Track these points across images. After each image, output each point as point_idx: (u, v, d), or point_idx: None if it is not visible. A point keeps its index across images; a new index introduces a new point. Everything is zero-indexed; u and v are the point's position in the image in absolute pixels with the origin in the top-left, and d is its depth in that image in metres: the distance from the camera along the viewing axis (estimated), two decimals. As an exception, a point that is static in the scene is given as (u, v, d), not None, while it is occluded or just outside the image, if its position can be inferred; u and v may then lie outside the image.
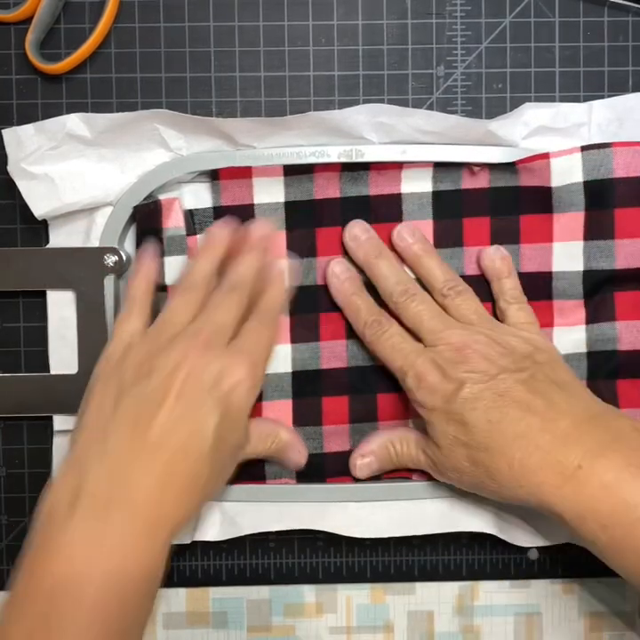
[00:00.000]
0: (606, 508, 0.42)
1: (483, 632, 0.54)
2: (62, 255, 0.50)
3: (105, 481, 0.39)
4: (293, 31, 0.51)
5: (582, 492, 0.43)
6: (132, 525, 0.39)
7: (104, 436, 0.41)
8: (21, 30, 0.50)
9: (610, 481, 0.42)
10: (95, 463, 0.40)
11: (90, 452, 0.40)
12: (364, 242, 0.49)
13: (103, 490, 0.39)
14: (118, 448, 0.40)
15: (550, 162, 0.48)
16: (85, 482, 0.39)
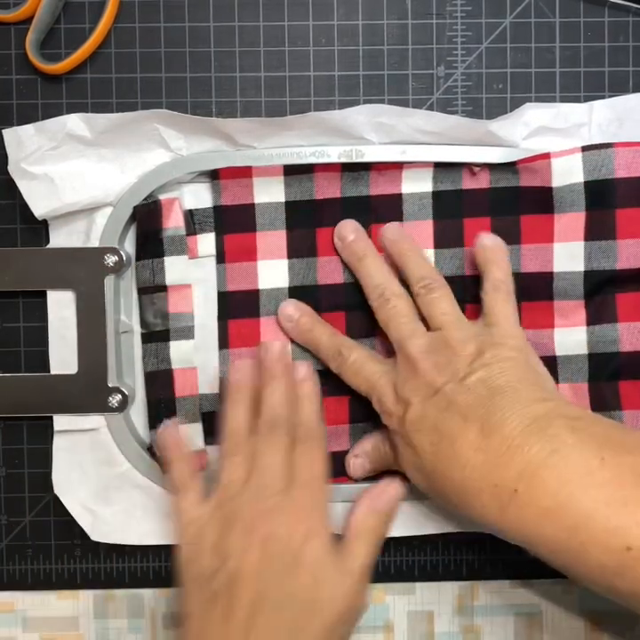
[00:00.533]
0: (550, 533, 0.40)
1: (483, 632, 0.54)
2: (62, 255, 0.50)
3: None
4: (293, 31, 0.51)
5: (524, 517, 0.41)
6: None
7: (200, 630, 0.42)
8: (21, 30, 0.50)
9: (548, 506, 0.40)
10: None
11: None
12: (350, 242, 0.49)
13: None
14: None
15: (551, 162, 0.48)
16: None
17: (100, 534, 0.50)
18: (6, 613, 0.54)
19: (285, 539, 0.43)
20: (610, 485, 0.39)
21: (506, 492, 0.41)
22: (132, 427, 0.51)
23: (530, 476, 0.40)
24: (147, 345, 0.51)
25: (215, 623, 0.42)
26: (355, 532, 0.45)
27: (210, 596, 0.43)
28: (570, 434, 0.41)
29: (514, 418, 0.42)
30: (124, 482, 0.51)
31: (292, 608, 0.42)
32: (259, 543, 0.43)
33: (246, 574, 0.42)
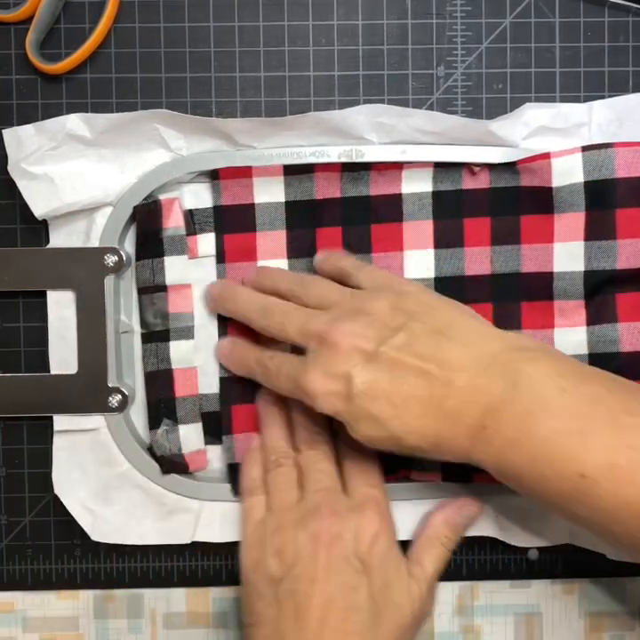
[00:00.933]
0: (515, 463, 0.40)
1: (483, 632, 0.54)
2: (62, 255, 0.50)
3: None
4: (293, 31, 0.51)
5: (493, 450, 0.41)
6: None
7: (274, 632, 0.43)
8: (21, 30, 0.50)
9: (512, 438, 0.40)
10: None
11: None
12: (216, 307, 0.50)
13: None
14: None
15: (551, 162, 0.48)
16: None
17: (100, 534, 0.50)
18: (6, 613, 0.54)
19: (352, 542, 0.44)
20: (567, 416, 0.40)
21: (477, 429, 0.41)
22: (132, 427, 0.51)
23: (495, 409, 0.40)
24: (147, 345, 0.51)
25: (288, 623, 0.43)
26: (429, 540, 0.47)
27: (281, 598, 0.44)
28: (530, 366, 0.41)
29: (474, 354, 0.42)
30: (124, 482, 0.51)
31: (362, 610, 0.43)
32: (325, 548, 0.44)
33: (314, 579, 0.43)
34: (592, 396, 0.40)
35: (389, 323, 0.43)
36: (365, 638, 0.43)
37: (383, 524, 0.45)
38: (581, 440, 0.39)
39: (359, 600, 0.43)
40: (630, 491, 0.38)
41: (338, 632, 0.42)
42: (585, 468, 0.39)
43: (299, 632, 0.43)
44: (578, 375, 0.41)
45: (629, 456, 0.38)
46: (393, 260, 0.50)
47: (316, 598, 0.43)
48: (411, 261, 0.50)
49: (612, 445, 0.39)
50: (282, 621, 0.43)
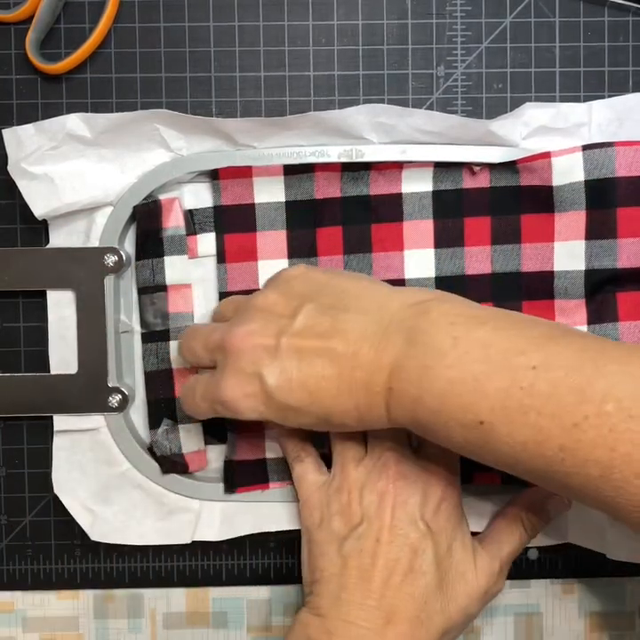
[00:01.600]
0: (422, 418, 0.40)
1: (483, 632, 0.54)
2: (62, 255, 0.50)
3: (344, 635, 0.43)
4: (293, 31, 0.51)
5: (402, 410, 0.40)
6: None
7: (337, 589, 0.44)
8: (21, 30, 0.50)
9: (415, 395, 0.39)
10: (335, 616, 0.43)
11: (328, 606, 0.44)
12: None
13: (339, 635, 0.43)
14: (351, 602, 0.43)
15: (551, 161, 0.48)
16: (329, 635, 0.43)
17: (99, 534, 0.50)
18: (6, 613, 0.54)
19: (418, 506, 0.44)
20: (461, 364, 0.39)
21: (386, 393, 0.40)
22: (132, 427, 0.51)
23: (397, 370, 0.40)
24: (147, 345, 0.51)
25: (352, 580, 0.44)
26: (511, 519, 0.47)
27: (345, 555, 0.44)
28: (422, 320, 0.41)
29: (372, 325, 0.42)
30: (124, 482, 0.51)
31: (427, 574, 0.43)
32: (390, 509, 0.44)
33: (379, 539, 0.44)
34: (483, 340, 0.39)
35: (284, 312, 0.43)
36: (430, 601, 0.43)
37: (448, 491, 0.45)
38: (476, 387, 0.38)
39: (424, 563, 0.44)
40: (524, 431, 0.37)
41: (402, 593, 0.43)
42: (481, 414, 0.38)
43: (363, 590, 0.43)
44: (471, 319, 0.40)
45: (519, 397, 0.37)
46: (393, 259, 0.50)
47: (381, 559, 0.43)
48: (411, 261, 0.50)
49: (503, 388, 0.38)
50: (346, 578, 0.44)
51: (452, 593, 0.44)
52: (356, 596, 0.43)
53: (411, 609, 0.43)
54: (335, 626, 0.43)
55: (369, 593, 0.43)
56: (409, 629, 0.43)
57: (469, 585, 0.45)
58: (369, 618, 0.43)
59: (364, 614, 0.43)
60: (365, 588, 0.43)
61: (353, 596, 0.43)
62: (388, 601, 0.43)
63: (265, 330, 0.43)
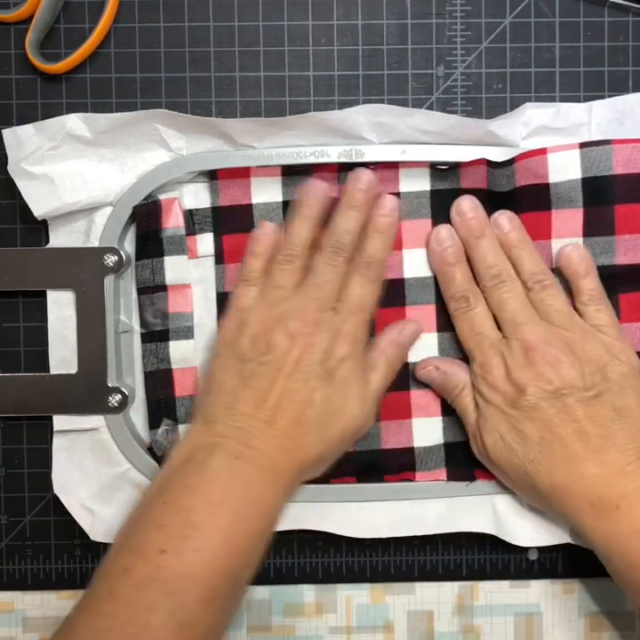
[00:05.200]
0: (635, 551, 0.43)
1: (483, 632, 0.54)
2: (62, 255, 0.50)
3: (233, 442, 0.45)
4: (293, 31, 0.51)
5: (614, 530, 0.44)
6: (257, 478, 0.45)
7: (232, 401, 0.46)
8: (21, 30, 0.50)
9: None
10: (226, 422, 0.46)
11: (221, 414, 0.46)
12: (468, 219, 0.49)
13: (232, 448, 0.45)
14: (244, 413, 0.46)
15: (547, 157, 0.48)
16: (219, 437, 0.45)
17: (99, 534, 0.50)
18: (6, 613, 0.54)
19: (323, 352, 0.46)
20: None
21: (607, 505, 0.44)
22: (132, 427, 0.51)
23: (635, 498, 0.44)
24: (147, 345, 0.51)
25: (249, 399, 0.46)
26: (375, 360, 0.49)
27: (246, 375, 0.46)
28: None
29: (632, 446, 0.45)
30: (124, 482, 0.51)
31: (316, 408, 0.46)
32: (300, 348, 0.46)
33: (281, 369, 0.46)
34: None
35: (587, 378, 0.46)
36: (312, 430, 0.46)
37: (352, 352, 0.47)
38: None
39: (316, 399, 0.46)
40: None
41: (290, 420, 0.46)
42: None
43: (256, 407, 0.46)
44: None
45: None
46: (392, 258, 0.50)
47: (278, 385, 0.46)
48: (410, 260, 0.50)
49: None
50: (242, 394, 0.46)
51: (333, 428, 0.46)
52: (249, 410, 0.46)
53: (296, 432, 0.46)
54: (226, 429, 0.45)
55: (261, 409, 0.45)
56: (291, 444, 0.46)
57: (350, 424, 0.47)
58: (258, 427, 0.45)
59: (253, 424, 0.45)
60: (258, 405, 0.46)
61: (246, 408, 0.46)
62: (278, 421, 0.45)
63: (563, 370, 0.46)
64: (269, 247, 0.49)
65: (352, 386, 0.47)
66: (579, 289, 0.48)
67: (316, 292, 0.47)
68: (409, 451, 0.51)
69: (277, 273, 0.48)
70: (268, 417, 0.45)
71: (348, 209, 0.48)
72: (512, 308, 0.47)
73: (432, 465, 0.51)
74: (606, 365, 0.46)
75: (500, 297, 0.47)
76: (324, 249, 0.48)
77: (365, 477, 0.51)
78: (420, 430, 0.51)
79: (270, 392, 0.46)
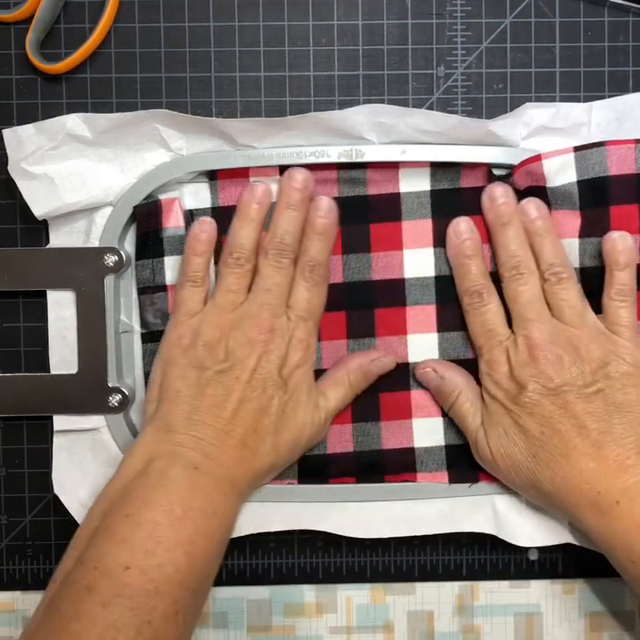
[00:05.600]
0: (638, 547, 0.43)
1: (483, 632, 0.54)
2: (62, 255, 0.50)
3: (192, 453, 0.45)
4: (293, 31, 0.51)
5: (616, 526, 0.44)
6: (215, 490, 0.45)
7: (190, 411, 0.46)
8: (21, 30, 0.50)
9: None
10: (184, 431, 0.46)
11: (179, 423, 0.46)
12: (499, 205, 0.48)
13: (192, 455, 0.45)
14: (202, 423, 0.46)
15: (542, 163, 0.48)
16: (177, 446, 0.45)
17: (99, 534, 0.50)
18: (6, 613, 0.54)
19: (280, 359, 0.47)
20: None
21: (607, 500, 0.44)
22: (132, 427, 0.51)
23: (635, 493, 0.44)
24: (147, 345, 0.51)
25: (205, 406, 0.46)
26: (339, 379, 0.49)
27: (203, 383, 0.47)
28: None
29: (632, 440, 0.45)
30: (124, 482, 0.51)
31: (271, 416, 0.47)
32: (258, 354, 0.47)
33: (239, 378, 0.46)
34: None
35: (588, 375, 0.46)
36: (267, 438, 0.47)
37: (305, 358, 0.48)
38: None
39: (272, 408, 0.47)
40: None
41: (246, 427, 0.46)
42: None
43: (214, 415, 0.46)
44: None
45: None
46: (392, 258, 0.50)
47: (236, 393, 0.46)
48: (410, 260, 0.50)
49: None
50: (200, 403, 0.46)
51: (286, 436, 0.47)
52: (207, 419, 0.46)
53: (253, 441, 0.46)
54: (185, 439, 0.46)
55: (219, 418, 0.46)
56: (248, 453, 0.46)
57: (302, 433, 0.48)
58: (217, 437, 0.46)
59: (212, 434, 0.46)
60: (216, 414, 0.46)
61: (204, 418, 0.46)
62: (235, 430, 0.46)
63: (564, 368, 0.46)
64: (211, 245, 0.49)
65: (304, 393, 0.48)
66: (611, 280, 0.47)
67: (267, 297, 0.47)
68: (409, 451, 0.51)
69: (228, 277, 0.48)
70: (225, 426, 0.46)
71: (286, 209, 0.48)
72: (525, 301, 0.47)
73: (433, 467, 0.51)
74: (609, 364, 0.46)
75: (515, 289, 0.47)
76: (268, 251, 0.48)
77: (365, 478, 0.51)
78: (420, 430, 0.51)
79: (228, 401, 0.46)
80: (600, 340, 0.46)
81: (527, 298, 0.47)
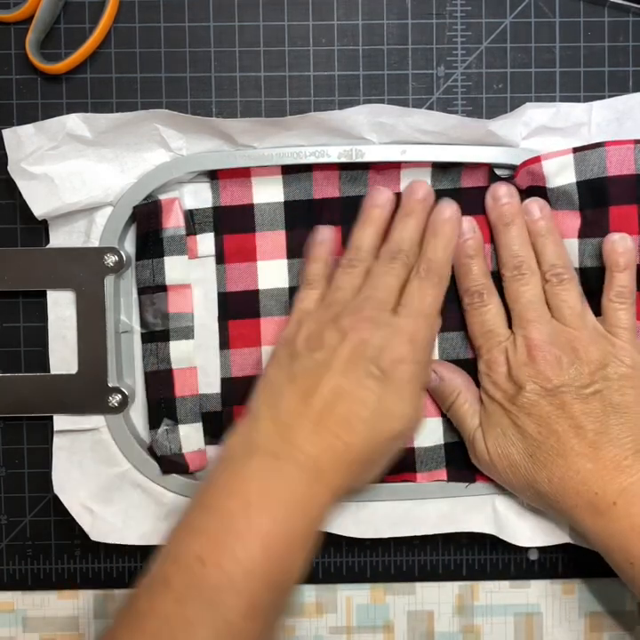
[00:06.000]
0: (635, 549, 0.43)
1: (483, 632, 0.54)
2: (62, 255, 0.50)
3: (273, 440, 0.44)
4: (293, 31, 0.51)
5: (613, 527, 0.44)
6: (298, 478, 0.43)
7: (277, 399, 0.45)
8: (21, 30, 0.50)
9: None
10: (268, 421, 0.44)
11: (264, 412, 0.45)
12: (502, 204, 0.48)
13: (272, 446, 0.43)
14: (288, 409, 0.44)
15: (542, 164, 0.48)
16: (257, 437, 0.44)
17: (99, 534, 0.50)
18: (6, 613, 0.54)
19: (378, 350, 0.45)
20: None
21: (604, 501, 0.44)
22: (132, 427, 0.51)
23: (632, 494, 0.44)
24: (147, 345, 0.51)
25: (296, 396, 0.45)
26: None
27: (296, 371, 0.45)
28: None
29: (629, 440, 0.45)
30: (124, 482, 0.51)
31: (367, 409, 0.44)
32: (351, 343, 0.45)
33: (331, 366, 0.44)
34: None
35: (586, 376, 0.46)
36: (362, 431, 0.44)
37: (411, 355, 0.45)
38: None
39: (368, 399, 0.44)
40: None
41: (339, 417, 0.44)
42: None
43: (303, 406, 0.44)
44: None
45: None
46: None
47: (328, 383, 0.44)
48: (411, 261, 0.50)
49: None
50: (287, 391, 0.45)
51: (382, 432, 0.45)
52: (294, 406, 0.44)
53: (345, 432, 0.44)
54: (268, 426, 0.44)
55: (307, 406, 0.44)
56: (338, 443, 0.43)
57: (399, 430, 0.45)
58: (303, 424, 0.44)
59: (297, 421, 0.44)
60: (305, 402, 0.44)
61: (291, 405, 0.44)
62: (325, 419, 0.44)
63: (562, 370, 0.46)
64: (329, 252, 0.49)
65: (407, 391, 0.45)
66: (611, 282, 0.47)
67: (373, 292, 0.47)
68: (409, 451, 0.51)
69: (339, 277, 0.48)
70: (314, 414, 0.44)
71: (404, 217, 0.48)
72: (525, 302, 0.47)
73: (432, 465, 0.51)
74: (607, 366, 0.46)
75: (516, 289, 0.47)
76: (382, 255, 0.48)
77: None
78: (420, 430, 0.51)
79: (318, 389, 0.44)
80: (599, 342, 0.46)
81: (528, 298, 0.47)
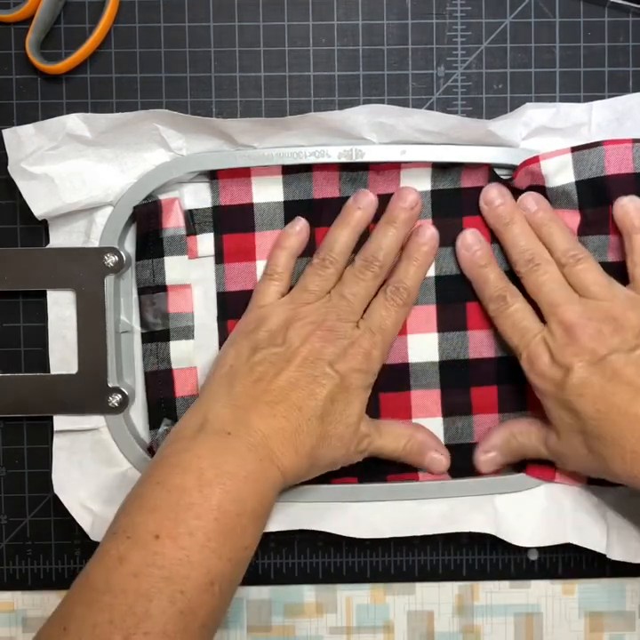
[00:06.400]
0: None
1: (483, 632, 0.54)
2: (62, 255, 0.50)
3: (227, 419, 0.45)
4: (293, 31, 0.51)
5: None
6: (248, 455, 0.44)
7: (233, 385, 0.46)
8: (21, 30, 0.50)
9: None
10: (220, 403, 0.46)
11: (217, 395, 0.46)
12: (496, 207, 0.48)
13: (224, 425, 0.44)
14: (244, 395, 0.46)
15: (540, 164, 0.48)
16: (210, 416, 0.45)
17: (99, 534, 0.50)
18: (6, 613, 0.54)
19: (335, 356, 0.46)
20: None
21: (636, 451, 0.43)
22: (132, 427, 0.51)
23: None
24: (147, 345, 0.51)
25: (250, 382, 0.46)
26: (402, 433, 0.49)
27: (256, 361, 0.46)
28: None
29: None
30: (124, 482, 0.50)
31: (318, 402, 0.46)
32: (311, 346, 0.46)
33: (291, 361, 0.46)
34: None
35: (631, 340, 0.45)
36: (311, 418, 0.45)
37: (365, 366, 0.47)
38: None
39: (320, 394, 0.46)
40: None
41: (291, 403, 0.45)
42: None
43: (257, 390, 0.45)
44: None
45: None
46: (393, 259, 0.50)
47: (285, 374, 0.46)
48: (411, 261, 0.50)
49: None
50: (245, 377, 0.46)
51: (330, 428, 0.46)
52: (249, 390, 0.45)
53: (295, 417, 0.45)
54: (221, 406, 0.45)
55: (261, 391, 0.45)
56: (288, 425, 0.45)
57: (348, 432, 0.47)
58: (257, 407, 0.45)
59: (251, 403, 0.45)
60: (259, 387, 0.46)
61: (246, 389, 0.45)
62: (278, 403, 0.45)
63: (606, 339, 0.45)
64: (297, 243, 0.49)
65: (355, 395, 0.47)
66: (632, 245, 0.47)
67: (339, 303, 0.47)
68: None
69: (309, 277, 0.48)
70: (269, 399, 0.45)
71: (386, 224, 0.48)
72: (548, 290, 0.47)
73: None
74: None
75: (535, 280, 0.47)
76: (356, 261, 0.48)
77: (367, 477, 0.51)
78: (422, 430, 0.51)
79: (275, 379, 0.46)
80: (635, 306, 0.45)
81: (549, 286, 0.47)
